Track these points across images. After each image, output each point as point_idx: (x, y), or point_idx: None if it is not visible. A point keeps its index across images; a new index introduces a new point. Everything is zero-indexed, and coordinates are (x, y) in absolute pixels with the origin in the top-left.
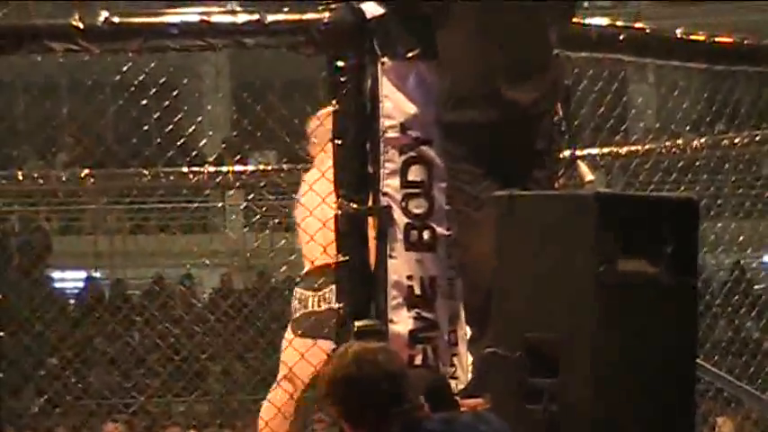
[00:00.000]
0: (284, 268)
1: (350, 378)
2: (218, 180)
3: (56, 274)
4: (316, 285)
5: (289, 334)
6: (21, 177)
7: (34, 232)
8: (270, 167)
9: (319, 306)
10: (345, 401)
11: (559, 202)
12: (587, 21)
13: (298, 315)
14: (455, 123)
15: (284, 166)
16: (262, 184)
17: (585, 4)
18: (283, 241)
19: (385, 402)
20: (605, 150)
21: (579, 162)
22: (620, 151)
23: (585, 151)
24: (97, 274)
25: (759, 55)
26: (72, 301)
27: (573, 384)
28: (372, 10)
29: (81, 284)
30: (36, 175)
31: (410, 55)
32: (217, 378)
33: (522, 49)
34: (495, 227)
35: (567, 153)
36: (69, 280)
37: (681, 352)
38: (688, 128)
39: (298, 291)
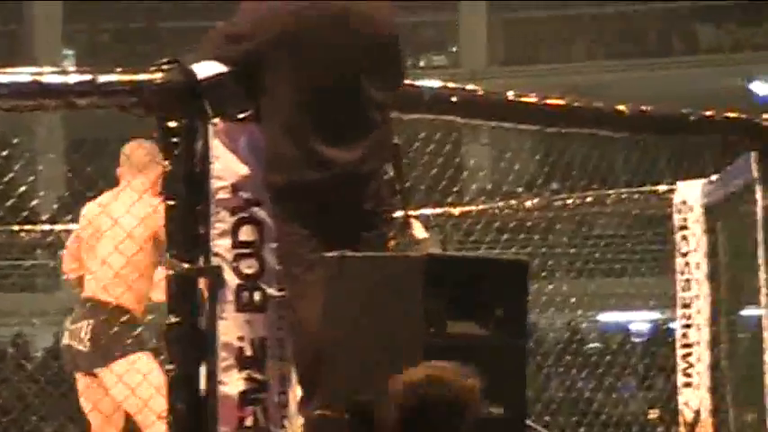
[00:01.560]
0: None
1: (416, 394)
2: (49, 239)
3: None
4: (72, 319)
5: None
6: None
7: None
8: None
9: (69, 340)
10: (406, 413)
11: (388, 264)
12: (419, 82)
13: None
14: (278, 184)
15: None
16: None
17: (422, 63)
18: None
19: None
20: (439, 211)
21: (412, 221)
22: (453, 211)
23: (419, 211)
24: None
25: (589, 117)
26: None
27: None
28: (204, 71)
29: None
30: None
31: (241, 116)
32: None
33: (342, 112)
34: (324, 288)
35: (399, 213)
36: None
37: (510, 414)
38: (520, 189)
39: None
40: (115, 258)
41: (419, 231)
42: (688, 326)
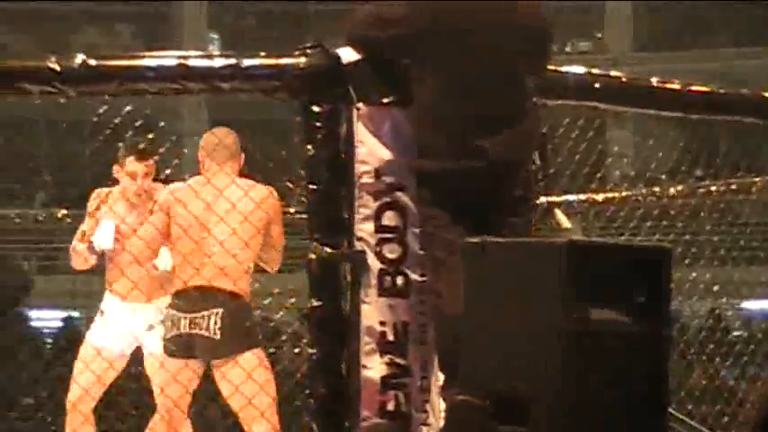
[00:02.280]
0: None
1: None
2: None
3: (33, 314)
4: (187, 307)
5: (159, 355)
6: None
7: (11, 272)
8: None
9: (191, 329)
10: None
11: (530, 250)
12: (564, 69)
13: (169, 336)
14: (427, 171)
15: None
16: None
17: (568, 48)
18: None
19: None
20: (582, 197)
21: (555, 210)
22: (596, 198)
23: (562, 198)
24: (75, 314)
25: (734, 105)
26: (48, 341)
27: None
28: (348, 55)
29: (59, 324)
30: (13, 215)
31: (385, 101)
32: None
33: (496, 100)
34: (465, 274)
35: (543, 200)
36: (47, 320)
37: (652, 402)
38: (664, 176)
39: (169, 311)
40: (235, 244)
41: (562, 219)
42: None
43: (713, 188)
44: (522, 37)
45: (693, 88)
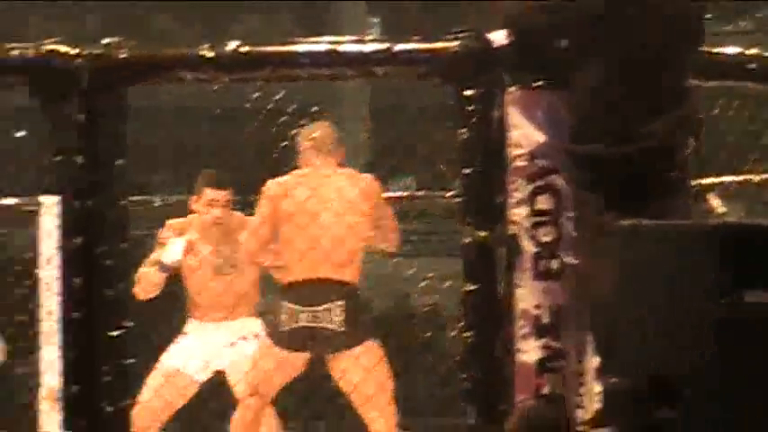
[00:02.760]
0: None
1: None
2: None
3: None
4: (306, 300)
5: (262, 345)
6: (158, 203)
7: None
8: (408, 193)
9: (312, 322)
10: None
11: (684, 233)
12: (717, 49)
13: (285, 328)
14: (583, 154)
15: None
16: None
17: (729, 27)
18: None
19: None
20: (739, 178)
21: (709, 194)
22: (753, 179)
23: (718, 179)
24: None
25: None
26: None
27: (697, 420)
28: (500, 39)
29: None
30: (172, 202)
31: (538, 84)
32: None
33: (655, 84)
34: (617, 256)
35: (696, 183)
36: None
37: None
38: None
39: (284, 304)
40: (345, 234)
41: (717, 204)
42: None
43: None
44: (686, 16)
45: None
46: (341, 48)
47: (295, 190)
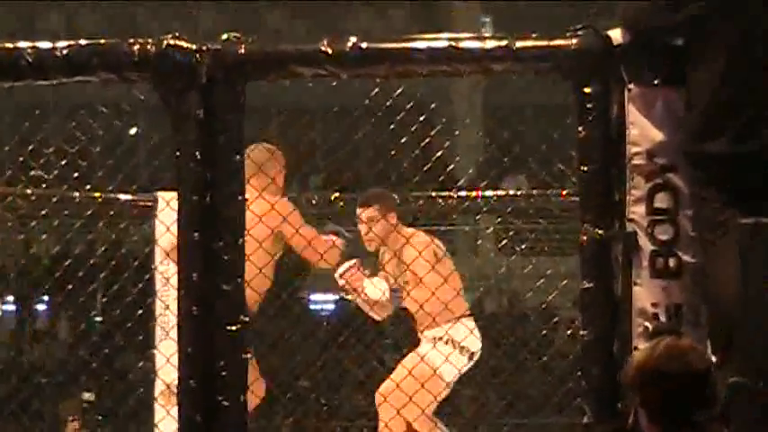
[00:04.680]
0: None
1: (657, 371)
2: (467, 204)
3: (311, 297)
4: None
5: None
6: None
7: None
8: (521, 192)
9: None
10: (648, 392)
11: None
12: None
13: None
14: (703, 153)
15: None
16: (509, 209)
17: None
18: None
19: (686, 404)
20: None
21: None
22: None
23: None
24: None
25: None
26: (324, 323)
27: None
28: (619, 36)
29: (332, 306)
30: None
31: (657, 81)
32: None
33: None
34: (738, 255)
35: None
36: (323, 302)
37: None
38: None
39: None
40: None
41: None
42: None
43: None
44: None
45: None
46: (460, 44)
47: None
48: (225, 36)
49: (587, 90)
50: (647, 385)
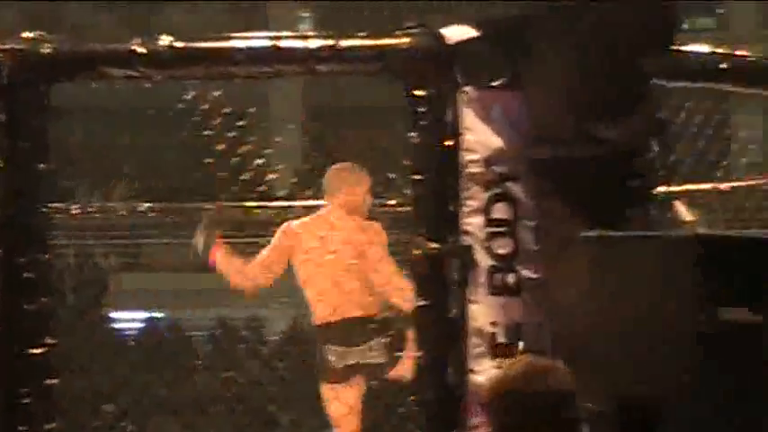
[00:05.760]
0: None
1: (513, 392)
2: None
3: (115, 315)
4: (351, 340)
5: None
6: (75, 211)
7: (90, 270)
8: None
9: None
10: (502, 415)
11: (655, 244)
12: (686, 48)
13: (337, 367)
14: (542, 159)
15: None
16: None
17: (686, 26)
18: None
19: (544, 430)
20: (706, 186)
21: (676, 201)
22: (721, 187)
23: (684, 187)
24: (158, 315)
25: None
26: (131, 344)
27: None
28: (454, 35)
29: (141, 326)
30: (92, 209)
31: (495, 84)
32: (286, 429)
33: (613, 83)
34: (586, 270)
35: (662, 190)
36: (129, 321)
37: None
38: None
39: (331, 348)
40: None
41: (683, 211)
42: None
43: None
44: (644, 16)
45: None
46: (282, 43)
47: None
48: (28, 34)
49: (419, 93)
50: (500, 407)
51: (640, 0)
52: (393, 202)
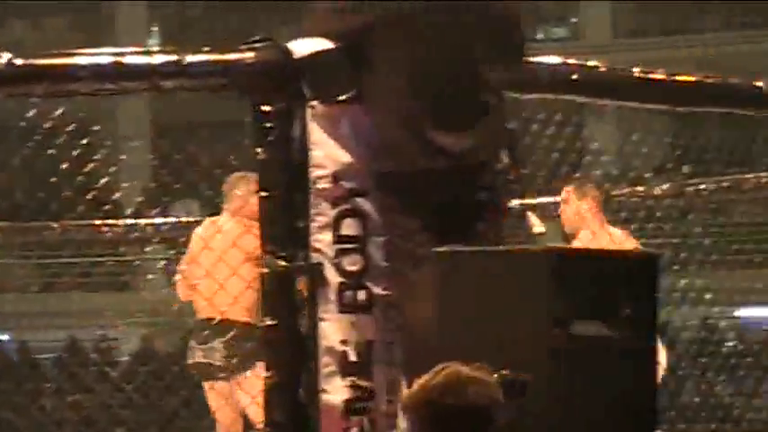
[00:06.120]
0: None
1: (429, 404)
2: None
3: None
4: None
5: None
6: None
7: None
8: (193, 219)
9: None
10: (420, 423)
11: (506, 259)
12: (537, 59)
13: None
14: (386, 173)
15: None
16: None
17: (540, 35)
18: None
19: None
20: (560, 199)
21: (528, 213)
22: None
23: (537, 200)
24: (3, 337)
25: (724, 95)
26: None
27: None
28: (301, 49)
29: None
30: None
31: (342, 98)
32: None
33: (458, 95)
34: (436, 286)
35: (514, 203)
36: None
37: (640, 421)
38: (649, 174)
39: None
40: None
41: (536, 224)
42: None
43: (703, 186)
44: (490, 27)
45: (679, 78)
46: (126, 60)
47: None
48: None
49: (266, 108)
50: (416, 419)
51: (486, 11)
52: None
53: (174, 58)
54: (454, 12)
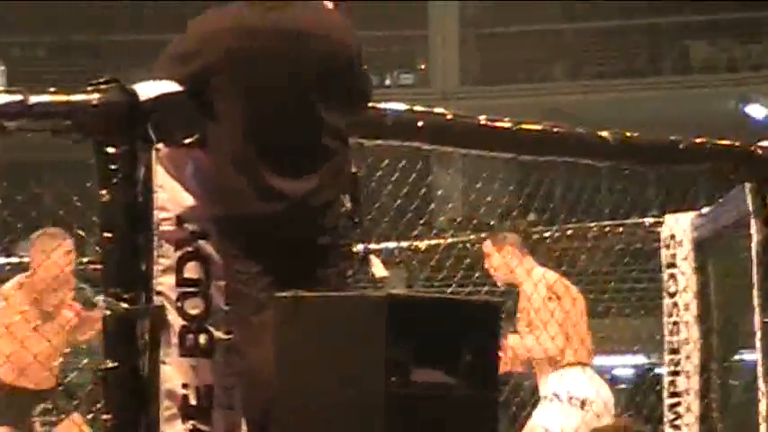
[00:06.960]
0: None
1: None
2: None
3: None
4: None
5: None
6: None
7: None
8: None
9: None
10: None
11: (346, 305)
12: (382, 105)
13: None
14: (224, 217)
15: None
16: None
17: (388, 81)
18: None
19: None
20: (404, 244)
21: (372, 258)
22: (419, 245)
23: (382, 245)
24: None
25: (569, 144)
26: None
27: None
28: (147, 91)
29: None
30: None
31: (187, 141)
32: None
33: (294, 138)
34: (276, 332)
35: (358, 248)
36: None
37: None
38: (493, 221)
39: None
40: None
41: (378, 269)
42: (676, 373)
43: (547, 234)
44: (329, 70)
45: (525, 126)
46: None
47: None
48: None
49: (111, 150)
50: None
51: (327, 55)
52: (86, 259)
53: (18, 98)
54: (293, 57)
